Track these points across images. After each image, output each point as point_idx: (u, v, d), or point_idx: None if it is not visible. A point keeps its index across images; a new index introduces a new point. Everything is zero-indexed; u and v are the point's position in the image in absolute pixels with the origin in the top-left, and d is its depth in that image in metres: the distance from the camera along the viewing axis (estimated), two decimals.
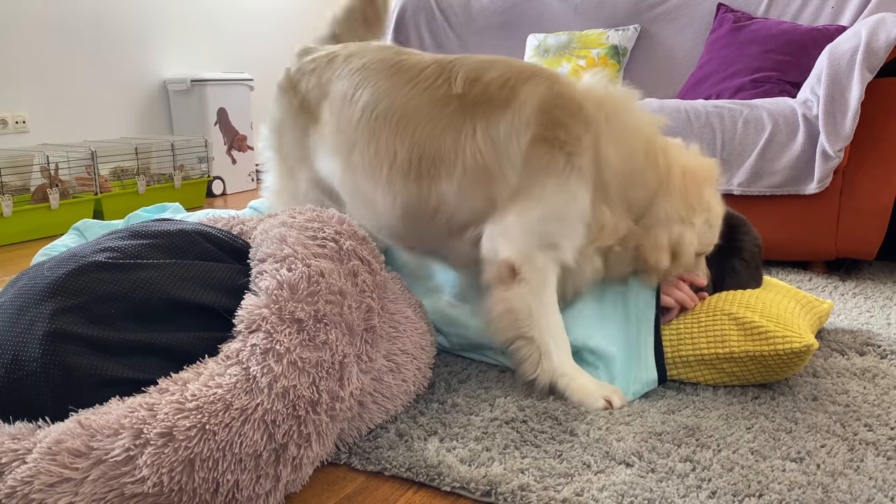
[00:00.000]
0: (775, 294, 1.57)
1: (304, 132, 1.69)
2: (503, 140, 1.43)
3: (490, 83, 1.47)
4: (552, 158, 1.41)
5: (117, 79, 4.01)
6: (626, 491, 1.09)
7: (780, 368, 1.39)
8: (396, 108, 1.51)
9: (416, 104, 1.50)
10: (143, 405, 0.96)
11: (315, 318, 1.12)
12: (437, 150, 1.47)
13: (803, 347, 1.36)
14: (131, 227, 1.21)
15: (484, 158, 1.43)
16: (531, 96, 1.44)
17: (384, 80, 1.56)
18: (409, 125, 1.49)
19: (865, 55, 2.04)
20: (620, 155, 1.43)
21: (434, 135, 1.47)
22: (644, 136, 1.46)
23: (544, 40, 3.33)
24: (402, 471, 1.17)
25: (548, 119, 1.42)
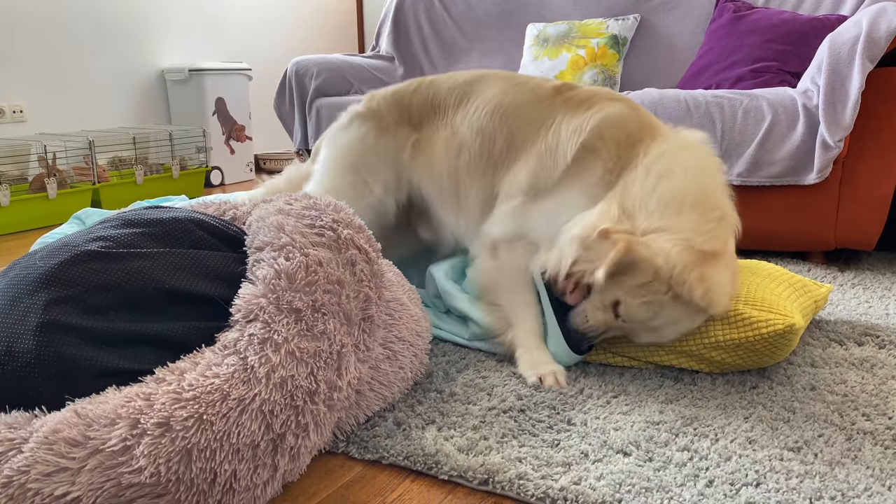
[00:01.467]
0: (762, 278, 1.57)
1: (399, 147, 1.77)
2: (566, 137, 1.52)
3: (580, 93, 1.60)
4: (591, 166, 1.48)
5: (115, 68, 3.99)
6: (623, 480, 1.09)
7: (769, 352, 1.40)
8: (505, 104, 1.65)
9: (519, 101, 1.64)
10: (139, 395, 0.96)
11: (313, 308, 1.12)
12: (524, 138, 1.60)
13: (786, 328, 1.36)
14: (124, 216, 1.21)
15: (547, 146, 1.55)
16: (605, 110, 1.52)
17: (498, 83, 1.70)
18: (510, 117, 1.63)
19: (866, 45, 2.03)
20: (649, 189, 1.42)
21: (527, 124, 1.61)
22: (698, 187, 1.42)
23: (544, 30, 3.31)
24: (399, 459, 1.17)
25: (608, 132, 1.49)
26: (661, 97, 2.36)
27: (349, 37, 5.55)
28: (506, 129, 1.62)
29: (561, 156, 1.51)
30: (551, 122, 1.57)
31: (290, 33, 5.11)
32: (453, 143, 1.69)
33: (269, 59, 4.89)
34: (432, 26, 3.68)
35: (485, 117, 1.65)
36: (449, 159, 1.70)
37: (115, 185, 3.59)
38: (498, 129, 1.63)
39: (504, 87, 1.68)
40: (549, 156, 1.53)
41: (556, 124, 1.56)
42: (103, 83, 3.94)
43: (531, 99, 1.63)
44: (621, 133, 1.49)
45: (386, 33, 3.75)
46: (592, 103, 1.56)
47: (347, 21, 5.51)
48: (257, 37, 4.86)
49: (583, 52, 3.16)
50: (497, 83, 1.70)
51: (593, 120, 1.51)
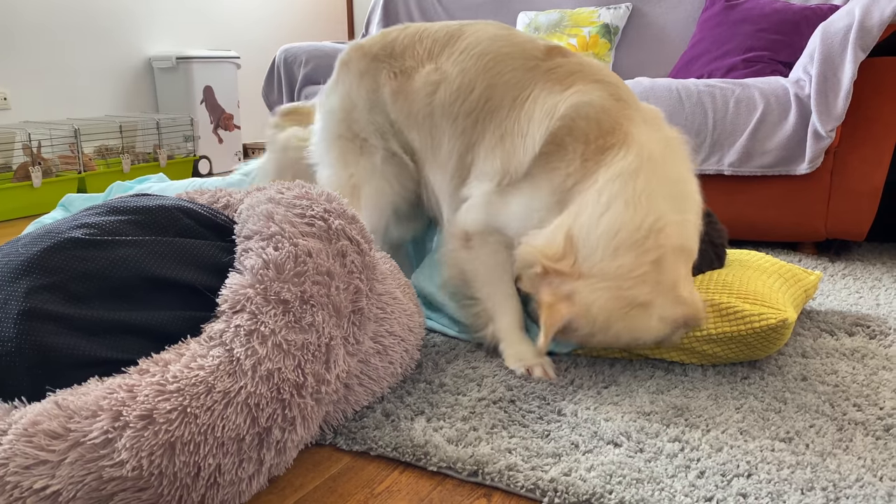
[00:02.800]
0: (754, 271, 1.56)
1: (377, 87, 1.67)
2: (538, 120, 1.42)
3: (567, 64, 1.47)
4: (557, 166, 1.39)
5: (101, 56, 3.94)
6: (614, 471, 1.08)
7: (761, 345, 1.39)
8: (492, 50, 1.54)
9: (509, 51, 1.53)
10: (122, 386, 0.94)
11: (301, 300, 1.10)
12: (501, 100, 1.50)
13: (779, 323, 1.36)
14: (109, 203, 1.18)
15: (519, 128, 1.45)
16: (583, 94, 1.41)
17: (493, 28, 1.60)
18: (494, 68, 1.52)
19: (859, 34, 2.02)
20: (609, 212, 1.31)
21: (506, 84, 1.50)
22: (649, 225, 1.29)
23: (535, 18, 3.29)
24: (388, 451, 1.16)
25: (578, 125, 1.38)
26: (652, 86, 2.35)
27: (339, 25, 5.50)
28: (486, 82, 1.51)
29: (530, 143, 1.42)
30: (529, 91, 1.47)
31: (280, 21, 5.05)
32: (432, 78, 1.58)
33: (258, 47, 4.84)
34: (423, 14, 3.65)
35: (470, 60, 1.55)
36: (426, 96, 1.59)
37: (101, 174, 3.55)
38: (479, 78, 1.52)
39: (498, 33, 1.58)
40: (520, 138, 1.44)
41: (532, 98, 1.46)
42: (89, 71, 3.89)
43: (519, 55, 1.51)
44: (592, 129, 1.37)
45: (376, 21, 3.71)
46: (573, 81, 1.44)
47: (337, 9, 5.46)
48: (246, 25, 4.81)
49: (574, 41, 3.13)
50: (492, 28, 1.60)
51: (566, 105, 1.40)
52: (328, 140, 1.75)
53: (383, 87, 1.66)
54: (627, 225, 1.27)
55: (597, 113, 1.38)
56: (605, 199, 1.30)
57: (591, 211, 1.30)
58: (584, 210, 1.31)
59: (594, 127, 1.37)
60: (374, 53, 1.68)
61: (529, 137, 1.43)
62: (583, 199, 1.33)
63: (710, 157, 2.26)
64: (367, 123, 1.69)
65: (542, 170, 1.40)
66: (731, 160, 2.24)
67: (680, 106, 2.28)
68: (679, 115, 2.27)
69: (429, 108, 1.60)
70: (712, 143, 2.26)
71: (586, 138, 1.37)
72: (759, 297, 1.41)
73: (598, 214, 1.29)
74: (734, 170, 2.24)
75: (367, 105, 1.69)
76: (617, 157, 1.34)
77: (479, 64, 1.53)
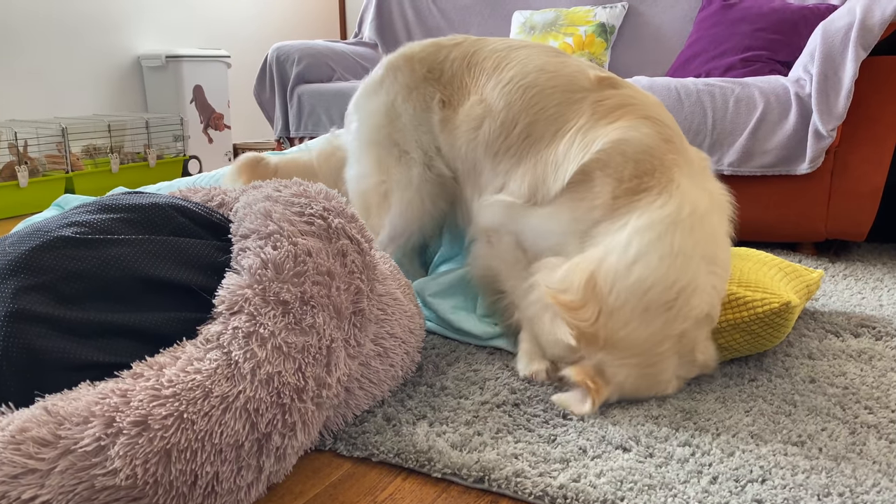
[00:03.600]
0: (753, 263, 1.54)
1: (427, 108, 1.64)
2: (575, 152, 1.37)
3: (617, 96, 1.41)
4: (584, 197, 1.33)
5: (89, 54, 3.88)
6: (624, 477, 1.04)
7: (765, 333, 1.37)
8: (539, 83, 1.48)
9: (556, 84, 1.47)
10: (115, 391, 0.89)
11: (301, 300, 1.06)
12: (542, 134, 1.45)
13: (781, 306, 1.34)
14: (100, 201, 1.14)
15: (555, 157, 1.40)
16: (626, 131, 1.34)
17: (541, 55, 1.54)
18: (539, 103, 1.47)
19: (860, 32, 2.01)
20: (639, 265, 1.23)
21: (549, 119, 1.45)
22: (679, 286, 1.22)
23: (530, 17, 3.26)
24: (390, 456, 1.12)
25: (614, 161, 1.31)
26: (651, 85, 2.32)
27: (331, 24, 5.46)
28: (528, 118, 1.47)
29: (562, 173, 1.37)
30: (573, 124, 1.41)
31: (271, 20, 5.01)
32: (476, 112, 1.55)
33: (249, 46, 4.79)
34: (416, 13, 3.61)
35: (516, 92, 1.49)
36: (470, 130, 1.56)
37: (89, 174, 3.49)
38: (522, 114, 1.47)
39: (546, 60, 1.51)
40: (552, 167, 1.39)
41: (574, 129, 1.40)
42: (77, 69, 3.83)
43: (565, 86, 1.46)
44: (628, 167, 1.30)
45: (369, 20, 3.67)
46: (620, 116, 1.37)
47: (329, 8, 5.42)
48: (237, 23, 4.76)
49: (570, 41, 3.11)
50: (541, 55, 1.54)
51: (606, 139, 1.33)
52: (365, 143, 1.72)
53: (433, 112, 1.63)
54: (660, 283, 1.20)
55: (636, 151, 1.31)
56: (636, 247, 1.22)
57: (619, 257, 1.22)
58: (611, 254, 1.23)
59: (631, 165, 1.30)
60: (424, 74, 1.65)
61: (562, 168, 1.37)
62: (611, 242, 1.25)
63: (709, 156, 2.24)
64: (410, 138, 1.67)
65: (567, 198, 1.36)
66: (731, 160, 2.22)
67: (679, 105, 2.26)
68: (678, 114, 2.24)
69: (472, 144, 1.56)
70: (712, 143, 2.23)
71: (620, 175, 1.30)
72: (761, 285, 1.40)
73: (629, 263, 1.21)
74: (734, 169, 2.22)
75: (414, 121, 1.66)
76: (654, 203, 1.26)
77: (525, 98, 1.49)
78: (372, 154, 1.70)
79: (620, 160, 1.31)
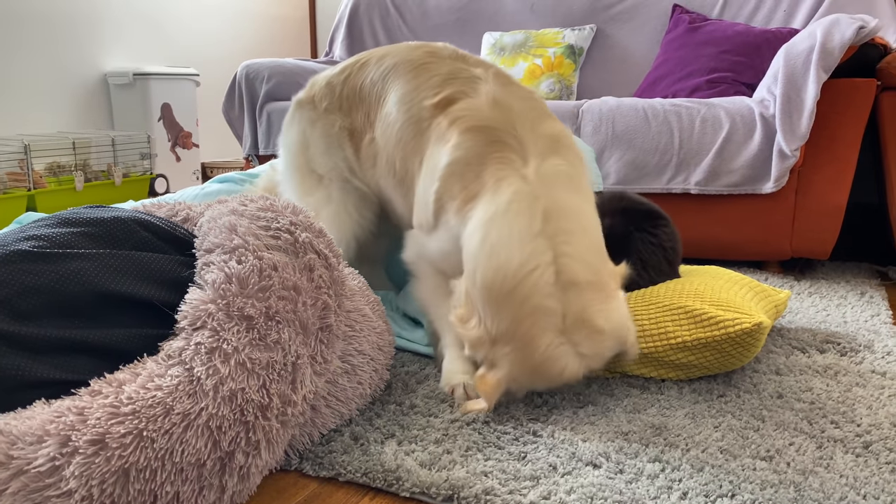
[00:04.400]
0: (725, 282, 1.56)
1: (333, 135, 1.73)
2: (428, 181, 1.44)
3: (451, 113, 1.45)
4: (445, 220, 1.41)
5: (54, 70, 3.82)
6: (595, 493, 1.03)
7: (735, 352, 1.38)
8: (400, 118, 1.54)
9: (408, 117, 1.53)
10: (71, 409, 0.86)
11: (266, 316, 1.04)
12: (413, 168, 1.52)
13: (753, 326, 1.35)
14: (59, 214, 1.11)
15: (424, 189, 1.46)
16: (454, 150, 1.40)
17: (403, 81, 1.57)
18: (403, 137, 1.54)
19: (821, 55, 2.05)
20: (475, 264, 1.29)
21: (413, 152, 1.52)
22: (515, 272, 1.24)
23: (500, 38, 3.29)
24: (357, 476, 1.10)
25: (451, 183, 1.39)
26: (619, 105, 2.35)
27: (301, 44, 5.46)
28: (400, 154, 1.55)
29: (428, 203, 1.44)
30: (426, 155, 1.48)
31: (241, 39, 4.99)
32: (370, 150, 1.65)
33: (219, 65, 4.77)
34: (387, 33, 3.63)
35: (389, 129, 1.57)
36: (370, 166, 1.67)
37: (52, 192, 3.42)
38: (395, 151, 1.56)
39: (405, 90, 1.56)
40: (423, 198, 1.47)
41: (426, 158, 1.47)
42: (41, 85, 3.76)
43: (416, 117, 1.51)
44: (457, 183, 1.38)
45: (340, 39, 3.68)
46: (450, 135, 1.42)
47: (299, 28, 5.42)
48: (206, 42, 4.73)
49: (539, 62, 3.14)
50: (402, 80, 1.58)
51: (440, 169, 1.40)
52: (289, 170, 1.82)
53: (344, 142, 1.71)
54: (494, 279, 1.24)
55: (461, 167, 1.38)
56: (471, 252, 1.29)
57: (469, 266, 1.29)
58: (467, 265, 1.30)
59: (458, 181, 1.38)
60: (325, 107, 1.73)
61: (426, 198, 1.45)
62: (465, 254, 1.32)
63: (676, 175, 2.27)
64: (323, 164, 1.75)
65: (440, 225, 1.43)
66: (698, 179, 2.25)
67: (646, 125, 2.28)
68: (646, 134, 2.27)
69: (376, 178, 1.67)
70: (679, 163, 2.26)
71: (452, 193, 1.38)
72: (733, 304, 1.41)
73: (472, 271, 1.28)
74: (701, 188, 2.25)
75: (323, 147, 1.74)
76: (477, 208, 1.33)
77: (393, 134, 1.56)
78: (296, 179, 1.80)
79: (452, 180, 1.39)
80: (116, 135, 3.78)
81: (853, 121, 2.14)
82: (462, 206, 1.36)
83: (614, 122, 2.32)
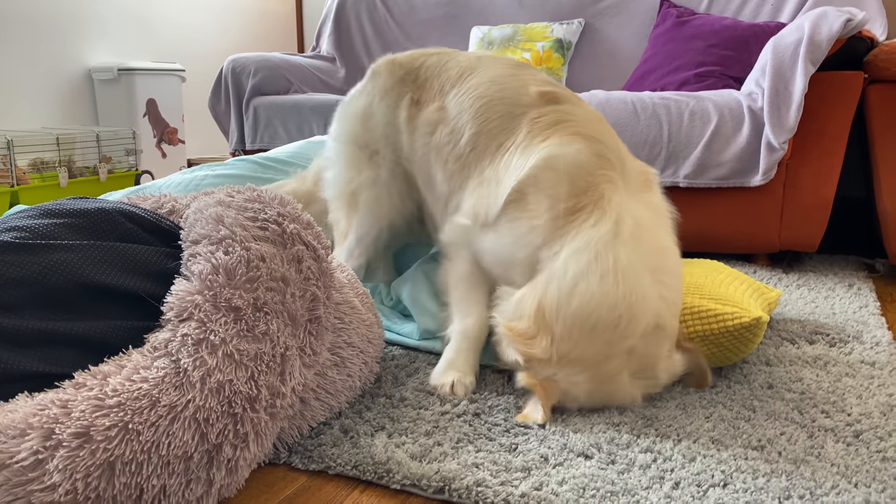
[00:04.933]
0: (726, 276, 1.56)
1: (397, 106, 1.68)
2: (511, 170, 1.38)
3: (554, 113, 1.41)
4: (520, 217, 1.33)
5: (38, 66, 3.77)
6: (587, 484, 1.03)
7: (733, 346, 1.37)
8: (488, 94, 1.51)
9: (501, 97, 1.49)
10: (55, 402, 0.85)
11: (254, 307, 1.02)
12: (485, 148, 1.47)
13: (752, 321, 1.35)
14: (43, 206, 1.09)
15: (496, 175, 1.41)
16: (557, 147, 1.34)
17: (499, 67, 1.57)
18: (485, 114, 1.49)
19: (808, 48, 2.06)
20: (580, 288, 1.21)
21: (492, 132, 1.47)
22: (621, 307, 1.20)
23: (488, 33, 3.28)
24: (347, 469, 1.09)
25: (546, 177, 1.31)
26: (608, 98, 2.35)
27: (288, 38, 5.42)
28: (474, 128, 1.49)
29: (502, 192, 1.37)
30: (511, 142, 1.42)
31: (227, 34, 4.95)
32: (433, 117, 1.58)
33: (205, 60, 4.73)
34: (374, 27, 3.61)
35: (468, 101, 1.53)
36: (425, 135, 1.60)
37: (36, 188, 3.38)
38: (469, 123, 1.50)
39: (499, 72, 1.54)
40: (494, 186, 1.40)
41: (514, 146, 1.41)
42: (24, 81, 3.72)
43: (510, 100, 1.47)
44: (561, 185, 1.29)
45: (327, 34, 3.66)
46: (553, 132, 1.37)
47: (286, 22, 5.39)
48: (192, 37, 4.69)
49: (528, 56, 3.13)
50: (498, 66, 1.57)
51: (538, 156, 1.33)
52: (341, 143, 1.77)
53: (402, 110, 1.67)
54: (603, 303, 1.18)
55: (568, 167, 1.30)
56: (573, 271, 1.21)
57: (559, 284, 1.21)
58: (552, 282, 1.22)
59: (564, 183, 1.29)
60: (402, 75, 1.69)
61: (502, 187, 1.38)
62: (551, 268, 1.24)
63: (665, 169, 2.27)
64: (381, 136, 1.70)
65: (506, 219, 1.36)
66: (687, 172, 2.24)
67: (635, 118, 2.28)
68: (634, 128, 2.27)
69: (426, 148, 1.61)
70: (668, 155, 2.26)
71: (555, 194, 1.29)
72: (732, 300, 1.40)
73: (570, 289, 1.20)
74: (689, 182, 2.25)
75: (385, 120, 1.70)
76: (587, 223, 1.25)
77: (474, 108, 1.51)
78: (347, 153, 1.75)
79: (551, 176, 1.31)
80: (101, 130, 3.74)
81: (841, 114, 2.15)
82: (567, 213, 1.27)
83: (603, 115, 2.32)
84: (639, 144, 2.27)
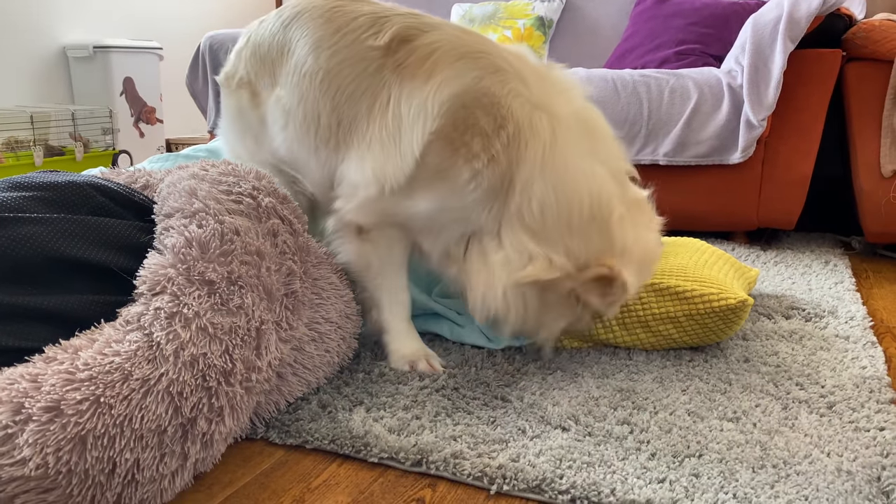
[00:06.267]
0: (709, 255, 1.56)
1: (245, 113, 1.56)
2: (410, 121, 1.26)
3: (417, 49, 1.29)
4: (453, 166, 1.23)
5: (9, 42, 3.69)
6: (563, 455, 1.03)
7: (717, 327, 1.38)
8: (322, 67, 1.37)
9: (340, 61, 1.36)
10: (25, 376, 0.84)
11: (228, 280, 1.02)
12: (354, 117, 1.34)
13: (738, 303, 1.36)
14: (11, 179, 1.07)
15: (388, 133, 1.29)
16: (453, 80, 1.24)
17: (314, 28, 1.40)
18: (331, 87, 1.36)
19: (788, 25, 2.06)
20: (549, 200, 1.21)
21: (353, 98, 1.34)
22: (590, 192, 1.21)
23: (469, 10, 3.26)
24: (325, 443, 1.09)
25: (462, 117, 1.22)
26: (588, 76, 2.34)
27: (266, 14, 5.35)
28: (329, 104, 1.36)
29: (407, 148, 1.25)
30: (385, 96, 1.30)
31: (205, 11, 4.87)
32: (278, 109, 1.45)
33: (183, 38, 4.65)
34: None
35: (304, 82, 1.39)
36: (280, 130, 1.47)
37: (10, 167, 3.32)
38: (321, 102, 1.37)
39: (321, 36, 1.39)
40: (392, 145, 1.28)
41: (392, 100, 1.29)
42: None
43: (355, 59, 1.34)
44: (484, 120, 1.21)
45: None
46: (433, 67, 1.26)
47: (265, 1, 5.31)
48: (169, 14, 4.61)
49: (509, 33, 3.11)
50: (313, 28, 1.40)
51: (439, 98, 1.23)
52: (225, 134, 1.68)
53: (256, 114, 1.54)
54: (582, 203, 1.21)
55: (484, 101, 1.22)
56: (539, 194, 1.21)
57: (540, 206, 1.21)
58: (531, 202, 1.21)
59: (487, 117, 1.22)
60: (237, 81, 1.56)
61: (405, 142, 1.26)
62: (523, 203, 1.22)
63: (645, 146, 2.27)
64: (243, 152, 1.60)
65: (432, 173, 1.25)
66: (667, 150, 2.25)
67: (616, 96, 2.28)
68: (615, 105, 2.26)
69: (287, 143, 1.47)
70: (647, 133, 2.26)
71: (483, 131, 1.21)
72: (716, 282, 1.41)
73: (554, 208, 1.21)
74: (669, 159, 2.25)
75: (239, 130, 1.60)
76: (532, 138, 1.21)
77: (314, 86, 1.38)
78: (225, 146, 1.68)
79: (468, 116, 1.22)
80: (77, 109, 3.68)
81: (819, 91, 2.15)
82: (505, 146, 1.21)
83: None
84: (619, 122, 2.26)
